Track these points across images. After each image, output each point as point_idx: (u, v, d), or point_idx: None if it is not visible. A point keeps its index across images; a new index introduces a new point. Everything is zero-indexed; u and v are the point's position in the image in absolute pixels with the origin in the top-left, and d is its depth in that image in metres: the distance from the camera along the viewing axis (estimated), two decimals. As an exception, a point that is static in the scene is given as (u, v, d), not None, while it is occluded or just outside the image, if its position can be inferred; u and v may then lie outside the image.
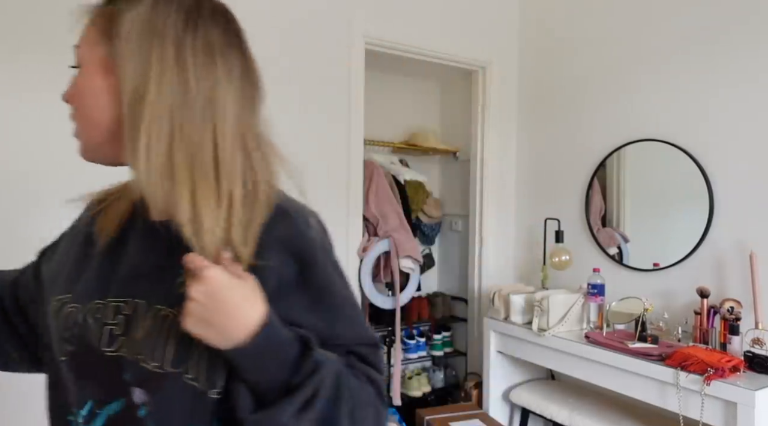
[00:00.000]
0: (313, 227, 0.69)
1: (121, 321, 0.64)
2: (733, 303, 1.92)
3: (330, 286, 0.68)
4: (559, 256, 2.56)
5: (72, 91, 0.65)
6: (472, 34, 2.87)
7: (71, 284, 0.69)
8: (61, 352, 0.67)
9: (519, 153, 3.04)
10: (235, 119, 0.64)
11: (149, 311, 0.63)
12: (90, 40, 0.64)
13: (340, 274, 0.70)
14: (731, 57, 2.09)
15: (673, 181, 2.28)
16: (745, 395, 1.61)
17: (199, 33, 0.63)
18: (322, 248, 0.69)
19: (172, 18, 0.62)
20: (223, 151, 0.62)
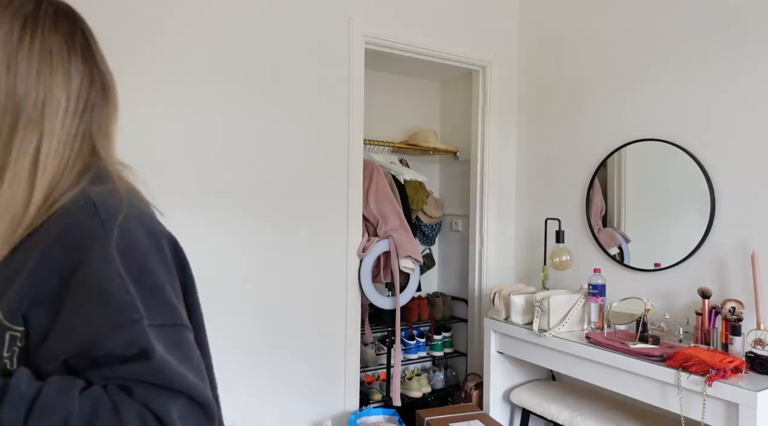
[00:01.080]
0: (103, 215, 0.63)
1: None
2: (735, 303, 1.92)
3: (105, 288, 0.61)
4: (560, 257, 2.55)
5: None
6: (472, 33, 2.86)
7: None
8: None
9: (519, 153, 3.04)
10: (73, 126, 0.66)
11: None
12: None
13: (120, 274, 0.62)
14: (732, 56, 2.09)
15: (674, 180, 2.27)
16: (746, 396, 1.60)
17: (36, 42, 0.64)
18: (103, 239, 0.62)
19: (6, 26, 0.63)
20: (46, 157, 0.63)
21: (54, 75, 0.65)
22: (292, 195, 2.35)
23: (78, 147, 0.67)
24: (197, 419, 0.61)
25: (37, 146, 0.63)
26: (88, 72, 0.69)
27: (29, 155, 0.63)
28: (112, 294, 0.60)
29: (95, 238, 0.61)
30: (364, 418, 2.49)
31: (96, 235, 0.61)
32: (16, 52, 0.63)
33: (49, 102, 0.64)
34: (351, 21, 2.46)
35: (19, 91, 0.63)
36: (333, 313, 2.47)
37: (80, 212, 0.62)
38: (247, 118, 2.23)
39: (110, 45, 1.95)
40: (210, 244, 2.15)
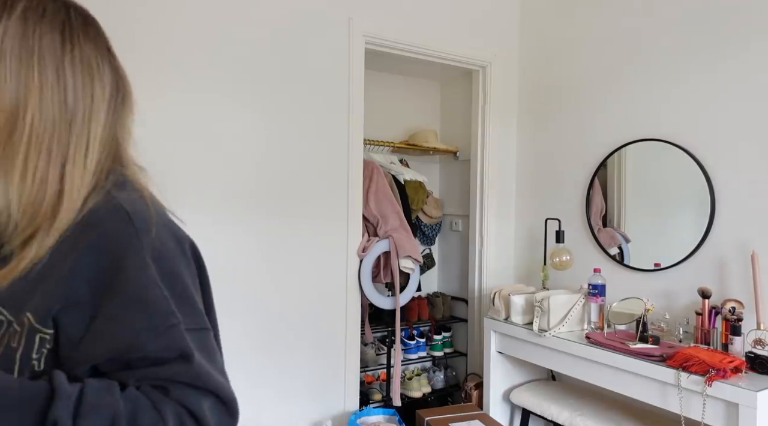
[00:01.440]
0: (138, 224, 0.65)
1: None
2: (735, 303, 1.92)
3: (144, 294, 0.63)
4: (560, 257, 2.55)
5: None
6: (473, 33, 2.86)
7: None
8: None
9: (519, 153, 3.04)
10: (106, 131, 0.68)
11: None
12: None
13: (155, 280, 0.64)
14: (732, 56, 2.08)
15: (674, 180, 2.27)
16: (746, 396, 1.60)
17: (76, 52, 0.65)
18: (138, 247, 0.64)
19: (48, 37, 0.63)
20: (91, 163, 0.65)
21: (94, 83, 0.66)
22: (291, 195, 2.35)
23: (107, 152, 0.69)
24: (223, 417, 0.65)
25: (84, 154, 0.65)
26: (114, 78, 0.70)
27: (80, 165, 0.65)
28: (150, 300, 0.62)
29: (131, 246, 0.63)
30: (364, 418, 2.49)
31: (131, 243, 0.63)
32: (62, 63, 0.64)
33: (95, 111, 0.66)
34: (351, 21, 2.46)
35: (69, 102, 0.64)
36: (333, 313, 2.47)
37: (114, 220, 0.63)
38: (246, 118, 2.23)
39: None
40: (209, 245, 2.15)
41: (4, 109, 0.61)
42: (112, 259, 0.62)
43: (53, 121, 0.63)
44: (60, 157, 0.63)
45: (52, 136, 0.63)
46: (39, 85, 0.62)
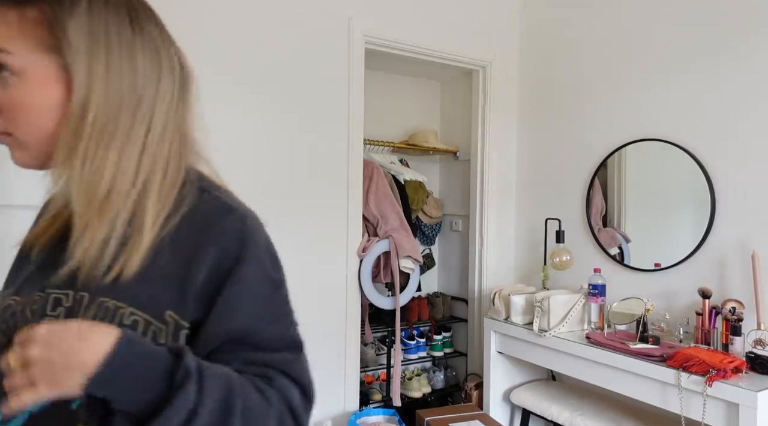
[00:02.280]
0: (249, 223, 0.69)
1: (61, 313, 0.64)
2: (735, 303, 1.91)
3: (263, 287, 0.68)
4: (560, 257, 2.55)
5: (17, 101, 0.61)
6: (473, 33, 2.86)
7: (14, 282, 0.71)
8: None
9: (519, 153, 3.04)
10: (172, 115, 0.68)
11: (92, 303, 0.63)
12: (27, 47, 0.61)
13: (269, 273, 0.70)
14: (733, 56, 2.08)
15: (674, 180, 2.27)
16: (747, 396, 1.60)
17: (145, 35, 0.65)
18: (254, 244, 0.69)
19: (114, 23, 0.63)
20: (151, 145, 0.66)
21: (161, 65, 0.67)
22: (291, 195, 2.34)
23: (177, 140, 0.69)
24: (305, 411, 0.68)
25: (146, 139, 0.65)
26: (178, 61, 0.70)
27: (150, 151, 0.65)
28: (266, 293, 0.67)
29: (248, 245, 0.67)
30: (364, 418, 2.49)
31: (248, 242, 0.67)
32: (132, 46, 0.64)
33: (161, 94, 0.66)
34: (351, 21, 2.46)
35: (137, 85, 0.65)
36: (333, 313, 2.47)
37: (231, 220, 0.67)
38: (245, 118, 2.22)
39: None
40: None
41: (78, 101, 0.62)
42: (231, 256, 0.65)
43: (118, 107, 0.64)
44: (120, 144, 0.64)
45: (115, 123, 0.63)
46: (105, 73, 0.63)
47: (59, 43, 0.61)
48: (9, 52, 0.61)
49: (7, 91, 0.61)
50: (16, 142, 0.64)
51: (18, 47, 0.61)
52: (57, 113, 0.63)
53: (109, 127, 0.63)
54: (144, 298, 0.63)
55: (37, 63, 0.61)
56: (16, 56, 0.61)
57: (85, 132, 0.62)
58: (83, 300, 0.63)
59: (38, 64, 0.61)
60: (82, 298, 0.63)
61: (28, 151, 0.65)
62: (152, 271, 0.64)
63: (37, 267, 0.69)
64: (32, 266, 0.70)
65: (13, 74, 0.61)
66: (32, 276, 0.69)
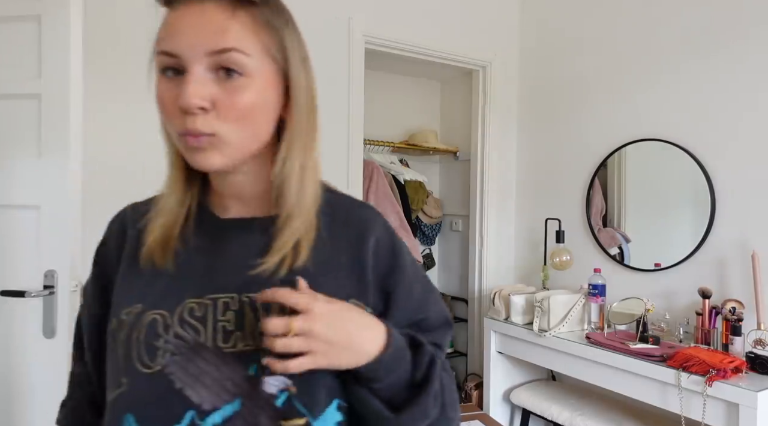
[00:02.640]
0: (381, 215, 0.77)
1: (232, 317, 0.64)
2: (735, 303, 1.92)
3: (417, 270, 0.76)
4: (560, 257, 2.55)
5: (241, 103, 0.61)
6: (473, 33, 2.86)
7: (140, 296, 0.67)
8: (148, 364, 0.62)
9: (519, 153, 3.04)
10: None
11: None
12: (257, 50, 0.63)
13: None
14: (733, 56, 2.08)
15: (674, 180, 2.27)
16: (747, 396, 1.60)
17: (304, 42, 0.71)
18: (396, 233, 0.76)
19: (296, 30, 0.68)
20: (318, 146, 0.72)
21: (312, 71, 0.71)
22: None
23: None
24: None
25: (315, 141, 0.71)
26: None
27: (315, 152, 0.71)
28: (422, 276, 0.75)
29: (393, 233, 0.74)
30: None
31: (391, 230, 0.74)
32: (307, 55, 0.69)
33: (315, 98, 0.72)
34: (351, 21, 2.46)
35: (314, 91, 0.70)
36: (333, 313, 2.47)
37: (370, 212, 0.74)
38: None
39: (112, 46, 1.95)
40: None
41: (299, 104, 0.67)
42: (387, 246, 0.71)
43: (307, 112, 0.68)
44: (307, 147, 0.68)
45: (306, 126, 0.68)
46: (306, 78, 0.68)
47: (284, 49, 0.65)
48: (248, 54, 0.61)
49: (230, 91, 0.61)
50: (219, 141, 0.62)
51: (253, 50, 0.62)
52: (271, 115, 0.66)
53: (309, 129, 0.68)
54: (328, 290, 0.65)
55: (265, 67, 0.63)
56: (252, 58, 0.61)
57: (299, 134, 0.67)
58: (254, 301, 0.64)
59: (265, 67, 0.63)
60: (252, 300, 0.64)
61: (228, 152, 0.63)
62: (323, 264, 0.67)
63: (173, 276, 0.67)
64: (165, 277, 0.67)
65: (243, 75, 0.61)
66: (171, 286, 0.66)
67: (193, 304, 0.64)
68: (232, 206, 0.71)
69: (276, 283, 0.63)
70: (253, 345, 0.63)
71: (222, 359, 0.62)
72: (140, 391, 0.62)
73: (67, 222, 1.59)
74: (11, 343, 1.63)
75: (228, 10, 0.60)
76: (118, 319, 0.66)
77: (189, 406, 0.60)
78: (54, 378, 1.59)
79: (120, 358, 0.64)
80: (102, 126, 1.93)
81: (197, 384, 0.61)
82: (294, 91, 0.66)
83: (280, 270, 0.65)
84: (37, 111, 1.60)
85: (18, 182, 1.63)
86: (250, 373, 0.62)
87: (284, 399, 0.61)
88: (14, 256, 1.63)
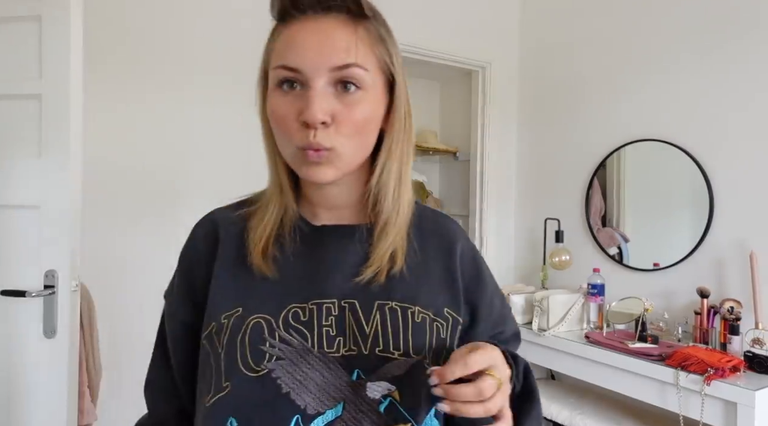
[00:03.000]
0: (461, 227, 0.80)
1: (333, 322, 0.64)
2: (733, 303, 1.92)
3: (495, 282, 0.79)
4: (559, 256, 2.56)
5: (359, 115, 0.62)
6: (472, 33, 2.87)
7: (239, 299, 0.66)
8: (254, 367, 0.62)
9: (519, 153, 3.04)
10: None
11: (370, 307, 0.65)
12: (373, 65, 0.64)
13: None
14: (731, 56, 2.09)
15: (673, 180, 2.27)
16: (745, 395, 1.61)
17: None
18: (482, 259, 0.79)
19: (396, 45, 0.69)
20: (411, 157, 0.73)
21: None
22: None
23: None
24: None
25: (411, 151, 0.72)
26: None
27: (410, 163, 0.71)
28: (500, 290, 0.79)
29: (478, 256, 0.77)
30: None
31: (477, 253, 0.77)
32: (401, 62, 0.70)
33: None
34: (351, 21, 2.46)
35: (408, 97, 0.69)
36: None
37: (452, 223, 0.77)
38: (245, 118, 2.22)
39: (112, 46, 1.95)
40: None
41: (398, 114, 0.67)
42: (470, 257, 0.74)
43: (406, 121, 0.68)
44: (404, 156, 0.68)
45: (404, 135, 0.68)
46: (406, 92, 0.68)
47: (392, 62, 0.66)
48: (366, 69, 0.62)
49: (348, 105, 0.61)
50: (335, 156, 0.62)
51: (370, 64, 0.63)
52: (377, 127, 0.66)
53: (406, 138, 0.69)
54: (424, 298, 0.67)
55: (377, 80, 0.64)
56: (369, 73, 0.62)
57: (397, 143, 0.67)
58: (354, 307, 0.65)
59: (377, 80, 0.64)
60: (352, 305, 0.65)
61: (341, 165, 0.63)
62: (417, 272, 0.68)
63: (273, 281, 0.66)
64: (265, 281, 0.66)
65: (360, 89, 0.62)
66: (271, 291, 0.66)
67: (296, 308, 0.64)
68: (322, 213, 0.71)
69: (375, 290, 0.66)
70: (355, 350, 0.63)
71: (326, 364, 0.63)
72: (245, 395, 0.61)
73: (67, 222, 1.60)
74: (11, 343, 1.63)
75: (350, 26, 0.61)
76: (218, 323, 0.65)
77: (295, 410, 0.61)
78: (54, 378, 1.59)
79: (222, 362, 0.63)
80: (102, 126, 1.93)
81: (302, 389, 0.61)
82: (397, 101, 0.67)
83: (379, 277, 0.66)
84: (37, 111, 1.61)
85: (18, 182, 1.63)
86: (352, 378, 0.62)
87: (387, 404, 0.61)
88: (14, 256, 1.63)
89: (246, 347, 0.62)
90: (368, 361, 0.62)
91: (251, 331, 0.63)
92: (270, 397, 0.61)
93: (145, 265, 2.02)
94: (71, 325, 1.61)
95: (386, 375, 0.62)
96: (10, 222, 1.64)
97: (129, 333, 1.98)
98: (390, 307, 0.65)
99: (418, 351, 0.64)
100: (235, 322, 0.64)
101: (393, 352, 0.63)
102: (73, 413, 1.61)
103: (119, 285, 1.98)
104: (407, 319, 0.65)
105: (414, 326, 0.65)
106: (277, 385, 0.61)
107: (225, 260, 0.69)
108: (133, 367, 1.46)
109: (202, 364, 0.66)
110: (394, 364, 0.63)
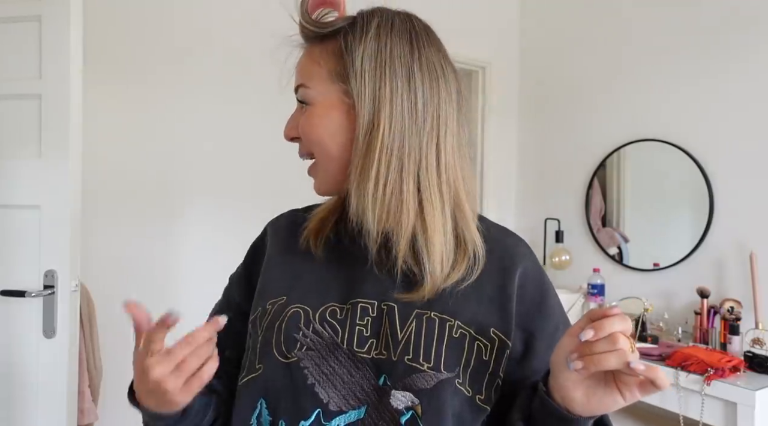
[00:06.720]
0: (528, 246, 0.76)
1: (368, 323, 0.64)
2: (733, 303, 1.92)
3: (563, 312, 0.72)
4: (559, 256, 2.56)
5: (307, 128, 0.66)
6: (472, 34, 2.86)
7: (285, 289, 0.69)
8: (285, 354, 0.64)
9: (519, 153, 3.04)
10: (454, 136, 0.66)
11: (408, 314, 0.64)
12: (321, 79, 0.66)
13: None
14: (731, 57, 2.09)
15: (673, 180, 2.27)
16: (745, 395, 1.61)
17: (423, 58, 0.65)
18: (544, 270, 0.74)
19: (397, 47, 0.64)
20: (446, 170, 0.65)
21: (440, 87, 0.65)
22: (293, 195, 2.34)
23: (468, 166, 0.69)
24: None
25: (437, 162, 0.64)
26: (456, 83, 0.68)
27: (434, 173, 0.64)
28: (567, 321, 0.70)
29: (546, 279, 0.71)
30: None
31: (545, 276, 0.72)
32: (412, 69, 0.64)
33: (442, 116, 0.65)
34: (351, 21, 2.46)
35: (418, 107, 0.63)
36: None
37: (531, 257, 0.72)
38: (245, 119, 2.23)
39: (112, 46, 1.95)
40: (209, 245, 2.16)
41: (363, 125, 0.63)
42: (537, 289, 0.69)
43: (402, 129, 0.63)
44: (413, 166, 0.63)
45: (402, 145, 0.63)
46: (390, 96, 0.62)
47: (346, 70, 0.64)
48: (308, 87, 0.67)
49: (303, 121, 0.67)
50: (318, 168, 0.68)
51: (315, 82, 0.67)
52: (340, 138, 0.65)
53: (397, 150, 0.62)
54: (467, 314, 0.64)
55: (327, 91, 0.66)
56: (312, 90, 0.67)
57: (374, 156, 0.62)
58: (393, 311, 0.64)
59: (327, 92, 0.66)
60: (390, 309, 0.64)
61: (324, 177, 0.68)
62: (466, 288, 0.65)
63: (320, 275, 0.69)
64: (312, 274, 0.69)
65: (309, 105, 0.67)
66: (316, 284, 0.68)
67: (335, 306, 0.66)
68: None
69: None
70: (385, 355, 0.62)
71: (355, 364, 0.63)
72: (274, 379, 0.64)
73: (67, 222, 1.59)
74: (11, 343, 1.63)
75: (315, 48, 0.69)
76: (263, 308, 0.69)
77: (317, 404, 0.61)
78: (54, 378, 1.59)
79: (259, 345, 0.66)
80: (102, 126, 1.93)
81: (328, 384, 0.62)
82: (359, 110, 0.63)
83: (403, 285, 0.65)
84: (37, 111, 1.61)
85: (18, 182, 1.63)
86: (379, 383, 0.62)
87: (409, 418, 0.60)
88: (14, 256, 1.63)
89: (281, 333, 0.65)
90: (395, 368, 0.61)
91: (289, 319, 0.65)
92: (295, 385, 0.62)
93: (145, 265, 2.02)
94: (71, 325, 1.61)
95: (412, 386, 0.61)
96: (10, 222, 1.64)
97: (129, 333, 1.97)
98: (428, 317, 0.63)
99: (449, 367, 0.61)
100: (277, 309, 0.67)
101: (422, 364, 0.61)
102: (73, 413, 1.61)
103: (119, 285, 1.98)
104: (443, 332, 0.63)
105: (450, 340, 0.62)
106: (304, 375, 0.62)
107: (279, 245, 0.75)
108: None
109: (246, 347, 0.70)
110: (422, 376, 0.61)
